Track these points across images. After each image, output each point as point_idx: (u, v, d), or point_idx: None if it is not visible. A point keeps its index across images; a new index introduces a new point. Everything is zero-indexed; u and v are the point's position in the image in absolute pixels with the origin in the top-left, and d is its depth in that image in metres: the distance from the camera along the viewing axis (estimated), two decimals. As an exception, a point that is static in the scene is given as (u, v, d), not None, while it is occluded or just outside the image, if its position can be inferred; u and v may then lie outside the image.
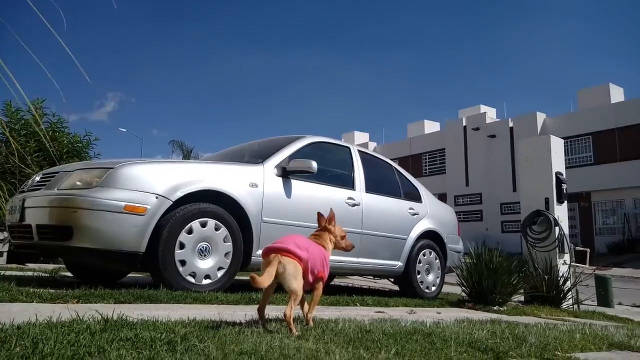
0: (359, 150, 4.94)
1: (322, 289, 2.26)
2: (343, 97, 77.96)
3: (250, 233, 3.60)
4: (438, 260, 5.28)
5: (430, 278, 5.18)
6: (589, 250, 6.68)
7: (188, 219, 3.21)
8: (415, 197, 5.36)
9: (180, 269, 3.16)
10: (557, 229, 5.69)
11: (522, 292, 5.33)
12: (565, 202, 5.98)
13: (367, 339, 2.03)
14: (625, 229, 20.97)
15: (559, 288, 5.34)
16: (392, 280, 5.49)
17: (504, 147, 25.17)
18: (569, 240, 5.84)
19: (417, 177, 6.55)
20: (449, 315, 3.53)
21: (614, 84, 23.49)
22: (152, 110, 71.42)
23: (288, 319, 1.94)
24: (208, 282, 3.30)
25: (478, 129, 26.57)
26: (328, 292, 3.73)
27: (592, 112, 22.62)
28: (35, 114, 5.67)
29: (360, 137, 34.16)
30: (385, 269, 4.84)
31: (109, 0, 1.76)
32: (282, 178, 3.91)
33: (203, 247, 3.29)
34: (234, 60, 74.25)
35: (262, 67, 74.73)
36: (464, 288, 4.90)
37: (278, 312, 2.37)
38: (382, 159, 5.45)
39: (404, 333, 2.27)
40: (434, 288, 5.20)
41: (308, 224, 3.67)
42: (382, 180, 5.13)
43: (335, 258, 3.71)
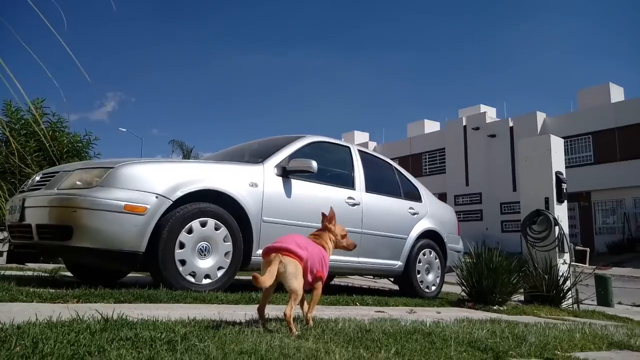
0: (359, 150, 4.94)
1: (321, 289, 2.26)
2: (343, 97, 78.04)
3: (250, 233, 3.60)
4: (438, 260, 5.28)
5: (430, 277, 5.18)
6: (589, 250, 6.69)
7: (188, 219, 3.21)
8: (415, 196, 5.36)
9: (180, 269, 3.16)
10: (557, 229, 5.70)
11: (522, 291, 5.33)
12: (565, 201, 5.98)
13: (367, 339, 2.03)
14: (625, 229, 20.98)
15: (559, 287, 5.34)
16: (392, 280, 5.49)
17: (504, 146, 25.17)
18: (569, 240, 5.85)
19: (417, 176, 6.55)
20: (449, 315, 3.53)
21: (614, 84, 23.47)
22: (152, 110, 71.48)
23: (288, 319, 1.94)
24: (208, 281, 3.30)
25: (478, 129, 26.56)
26: (328, 291, 3.73)
27: (592, 111, 22.61)
28: (36, 114, 5.66)
29: (360, 136, 34.16)
30: (385, 269, 4.84)
31: (109, 1, 1.76)
32: (282, 178, 3.91)
33: (203, 246, 3.29)
34: (234, 60, 74.33)
35: (262, 67, 74.82)
36: (464, 287, 4.91)
37: (278, 311, 2.38)
38: (382, 159, 5.45)
39: (404, 332, 2.27)
40: (434, 287, 5.21)
41: (308, 224, 3.68)
42: (382, 180, 5.13)
43: (335, 258, 3.71)
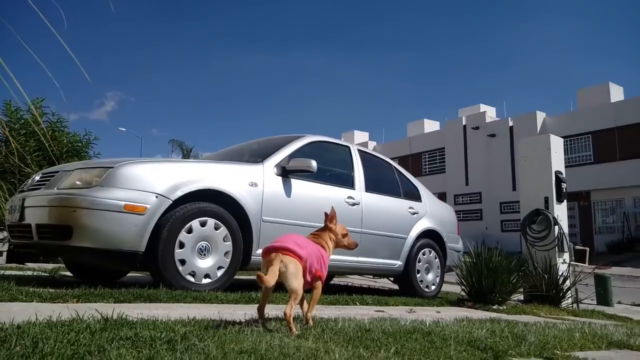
0: (359, 150, 4.94)
1: (321, 288, 2.26)
2: (343, 97, 78.01)
3: (250, 232, 3.60)
4: (438, 260, 5.28)
5: (430, 277, 5.18)
6: (589, 249, 6.70)
7: (188, 218, 3.21)
8: (415, 196, 5.37)
9: (180, 268, 3.16)
10: (556, 228, 5.70)
11: (521, 291, 5.33)
12: (565, 201, 5.99)
13: (366, 338, 2.03)
14: (625, 228, 20.99)
15: (559, 287, 5.34)
16: (391, 280, 5.49)
17: (504, 146, 25.17)
18: (569, 239, 5.84)
19: (416, 176, 6.55)
20: (449, 314, 3.53)
21: (614, 83, 23.47)
22: (151, 110, 71.49)
23: (288, 318, 1.94)
24: (208, 281, 3.30)
25: (478, 128, 26.57)
26: (328, 291, 3.73)
27: (591, 111, 22.61)
28: (35, 114, 5.67)
29: (360, 136, 34.16)
30: (385, 268, 4.84)
31: (109, 1, 1.76)
32: (281, 177, 3.91)
33: (203, 246, 3.29)
34: (234, 60, 74.31)
35: (262, 67, 74.81)
36: (464, 287, 4.91)
37: (278, 311, 2.38)
38: (381, 158, 5.45)
39: (404, 332, 2.27)
40: (434, 287, 5.21)
41: (308, 223, 3.68)
42: (381, 180, 5.13)
43: (335, 257, 3.71)
